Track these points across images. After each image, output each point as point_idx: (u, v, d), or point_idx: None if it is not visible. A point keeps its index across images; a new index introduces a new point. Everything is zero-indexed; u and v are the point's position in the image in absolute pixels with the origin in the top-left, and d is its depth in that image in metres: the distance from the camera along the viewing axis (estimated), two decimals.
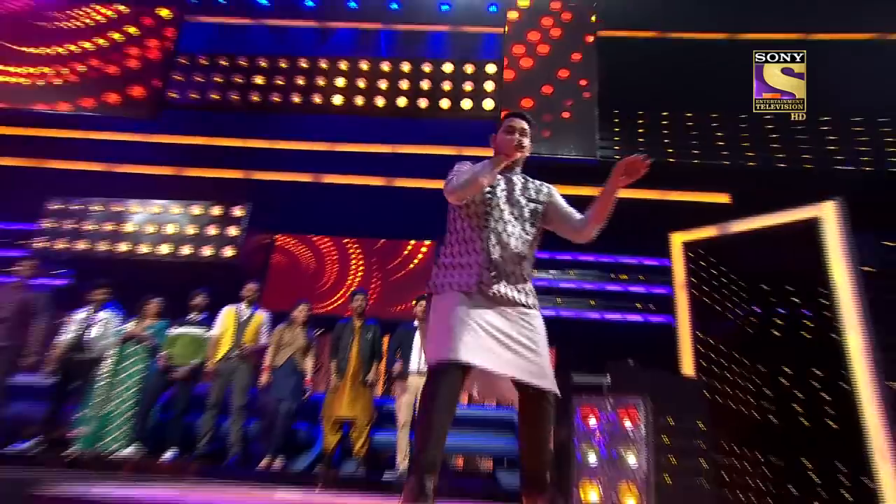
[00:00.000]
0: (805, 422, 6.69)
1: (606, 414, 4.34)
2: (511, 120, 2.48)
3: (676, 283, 6.82)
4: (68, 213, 8.13)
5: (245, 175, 8.71)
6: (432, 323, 2.27)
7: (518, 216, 2.39)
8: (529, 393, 2.16)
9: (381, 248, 8.88)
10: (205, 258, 7.83)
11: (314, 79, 8.21)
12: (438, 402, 2.05)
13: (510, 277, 2.27)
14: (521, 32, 8.11)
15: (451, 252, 2.39)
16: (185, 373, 5.39)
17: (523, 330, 2.20)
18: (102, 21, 8.62)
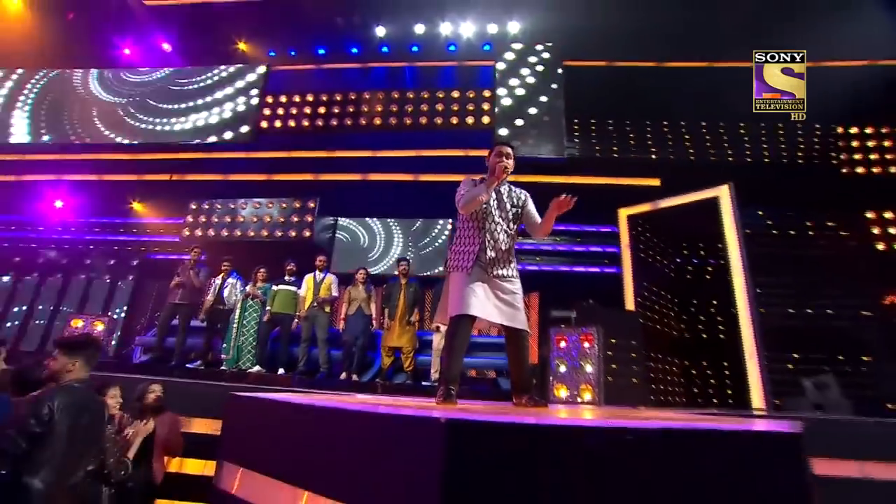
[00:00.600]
0: (705, 336, 6.96)
1: (572, 338, 4.62)
2: (499, 147, 2.63)
3: (623, 244, 6.93)
4: (202, 211, 8.41)
5: (315, 177, 8.86)
6: (450, 290, 2.54)
7: (504, 218, 2.58)
8: (511, 330, 2.48)
9: (414, 225, 9.04)
10: (291, 238, 8.03)
11: (360, 107, 8.28)
12: (458, 339, 2.39)
13: (500, 262, 2.52)
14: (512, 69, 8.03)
15: (459, 241, 2.61)
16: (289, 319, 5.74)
17: (507, 292, 2.48)
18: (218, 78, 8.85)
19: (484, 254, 2.49)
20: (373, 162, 8.57)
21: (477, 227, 2.55)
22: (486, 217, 2.54)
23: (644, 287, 6.70)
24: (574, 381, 4.42)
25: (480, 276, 2.46)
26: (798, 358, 6.13)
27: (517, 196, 2.66)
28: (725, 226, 6.04)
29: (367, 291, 5.80)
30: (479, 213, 2.54)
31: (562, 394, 4.42)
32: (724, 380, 6.54)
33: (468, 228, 2.58)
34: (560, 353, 4.53)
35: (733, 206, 6.04)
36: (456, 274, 2.52)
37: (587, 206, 8.38)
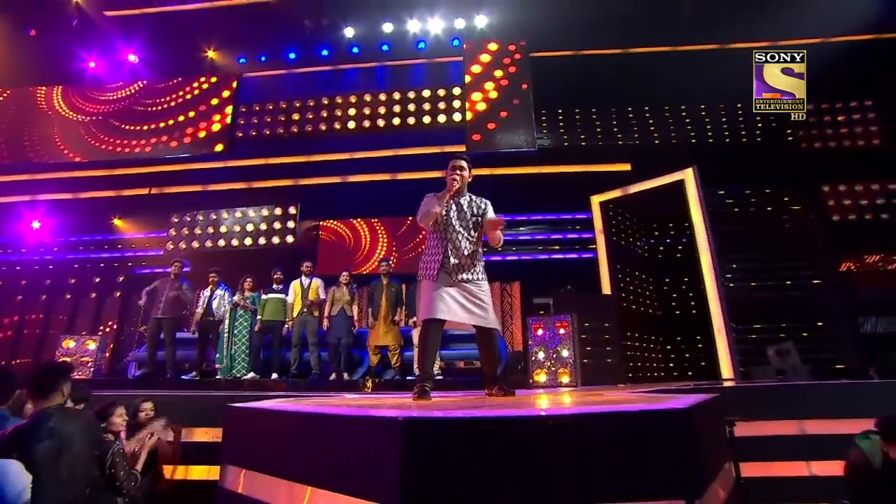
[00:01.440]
0: (678, 312, 7.31)
1: (549, 327, 4.90)
2: (452, 162, 2.78)
3: (596, 229, 7.17)
4: (183, 223, 8.46)
5: (294, 182, 8.96)
6: (420, 296, 2.79)
7: (465, 227, 2.75)
8: (480, 328, 2.73)
9: (394, 224, 9.20)
10: (275, 244, 8.16)
11: (334, 111, 8.32)
12: (429, 340, 2.64)
13: (464, 268, 2.71)
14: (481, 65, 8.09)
15: (426, 251, 2.83)
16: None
17: (476, 294, 2.70)
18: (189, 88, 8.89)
19: (448, 261, 2.67)
20: (351, 164, 8.69)
21: (440, 238, 2.73)
22: (447, 227, 2.73)
23: (619, 269, 6.98)
24: (552, 366, 4.71)
25: (446, 282, 2.66)
26: (762, 328, 6.49)
27: (477, 205, 2.82)
28: (691, 207, 6.30)
29: (351, 293, 6.01)
30: (440, 224, 2.72)
31: (541, 378, 4.71)
32: (697, 353, 6.87)
33: (433, 239, 2.79)
34: (538, 340, 4.81)
35: (697, 187, 6.31)
36: (424, 282, 2.74)
37: (561, 195, 8.65)
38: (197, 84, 8.88)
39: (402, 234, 9.05)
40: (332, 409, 1.64)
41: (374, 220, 9.18)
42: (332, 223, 9.24)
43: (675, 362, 7.12)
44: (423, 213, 2.69)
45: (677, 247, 7.53)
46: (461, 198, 2.81)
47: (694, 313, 6.96)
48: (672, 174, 6.57)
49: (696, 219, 6.23)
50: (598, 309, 5.79)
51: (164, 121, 8.69)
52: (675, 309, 7.32)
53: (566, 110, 8.52)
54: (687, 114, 8.32)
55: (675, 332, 7.20)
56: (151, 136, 8.58)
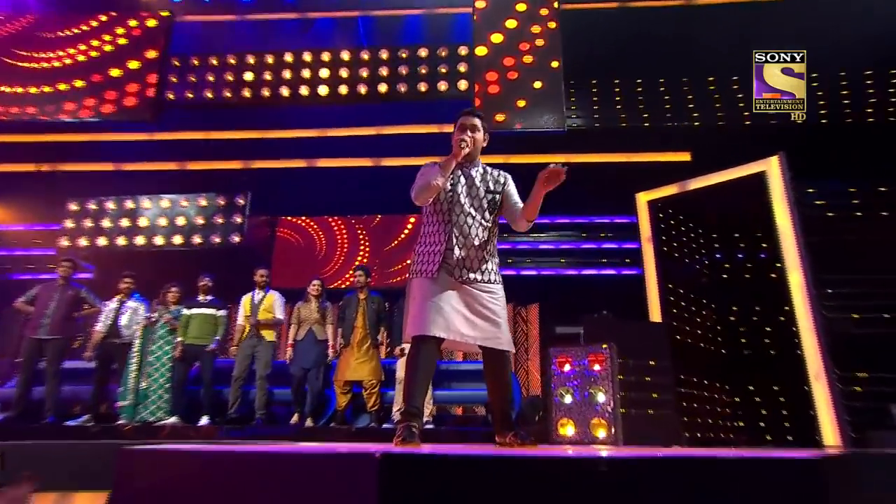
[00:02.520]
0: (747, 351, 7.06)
1: (578, 360, 4.69)
2: (461, 118, 2.71)
3: (643, 237, 7.04)
4: (86, 213, 8.29)
5: (244, 165, 8.88)
6: (409, 304, 2.60)
7: (478, 207, 2.64)
8: (489, 351, 2.54)
9: (376, 223, 9.08)
10: (215, 245, 8.01)
11: (300, 71, 8.20)
12: (419, 365, 2.45)
13: (472, 263, 2.56)
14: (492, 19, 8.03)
15: (422, 240, 2.68)
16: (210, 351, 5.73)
17: (485, 303, 2.53)
18: (96, 30, 8.54)
19: (451, 253, 2.54)
20: (321, 143, 8.60)
21: (442, 221, 2.62)
22: (453, 207, 2.61)
23: (672, 291, 6.81)
24: (583, 415, 4.48)
25: (447, 283, 2.51)
26: (876, 378, 6.20)
27: (494, 179, 2.73)
28: (776, 209, 6.15)
29: (322, 309, 5.85)
30: (442, 202, 2.62)
31: (568, 431, 4.48)
32: (779, 408, 6.63)
33: (432, 223, 2.65)
34: (563, 379, 4.60)
35: (785, 182, 6.14)
36: (417, 280, 2.58)
37: (597, 192, 8.52)
38: (108, 22, 8.56)
39: (383, 236, 8.92)
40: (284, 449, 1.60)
41: (349, 218, 9.05)
42: (294, 220, 9.10)
43: (746, 418, 6.88)
44: (419, 185, 2.58)
45: (752, 263, 7.37)
46: (472, 168, 2.73)
47: (772, 354, 6.76)
48: (749, 165, 6.43)
49: (784, 225, 6.07)
50: (644, 342, 5.58)
51: (60, 72, 8.34)
52: (749, 346, 7.12)
53: (606, 80, 8.44)
54: None
55: (747, 378, 6.98)
56: (41, 93, 8.21)
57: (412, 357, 2.49)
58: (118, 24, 8.54)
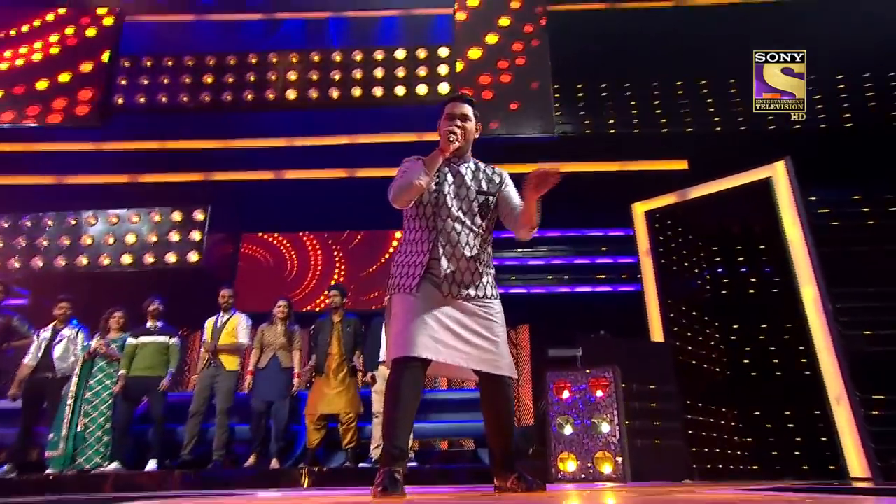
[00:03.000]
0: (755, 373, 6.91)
1: (579, 386, 4.44)
2: (449, 106, 2.42)
3: (641, 251, 6.91)
4: (20, 230, 7.89)
5: (204, 177, 8.52)
6: (390, 322, 2.28)
7: (468, 210, 2.34)
8: (487, 377, 2.23)
9: (357, 243, 8.86)
10: (170, 265, 7.70)
11: (265, 74, 8.00)
12: (402, 395, 2.10)
13: (465, 276, 2.27)
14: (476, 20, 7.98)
15: (403, 250, 2.38)
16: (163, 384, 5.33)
17: (480, 320, 2.23)
18: (39, 27, 8.22)
19: (437, 265, 2.24)
20: (289, 153, 8.36)
21: (425, 227, 2.32)
22: (438, 211, 2.31)
23: (674, 308, 6.64)
24: (586, 449, 4.22)
25: (434, 299, 2.21)
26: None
27: (488, 178, 2.44)
28: (784, 217, 6.05)
29: (289, 332, 5.57)
30: (426, 205, 2.32)
31: (569, 467, 4.20)
32: (796, 435, 6.45)
33: (414, 229, 2.36)
34: (562, 407, 4.33)
35: (793, 188, 6.04)
36: (398, 297, 2.28)
37: (590, 202, 8.37)
38: (52, 18, 8.27)
39: (360, 254, 8.64)
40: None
41: (320, 235, 8.80)
42: (261, 236, 8.77)
43: (762, 447, 6.67)
44: (399, 185, 2.29)
45: (758, 276, 7.25)
46: (462, 164, 2.45)
47: (779, 375, 6.60)
48: (753, 170, 6.35)
49: (794, 234, 5.94)
50: (647, 364, 5.39)
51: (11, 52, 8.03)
52: (758, 366, 6.96)
53: (598, 84, 8.39)
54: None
55: (757, 402, 6.79)
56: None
57: (393, 385, 2.14)
58: (63, 23, 8.26)
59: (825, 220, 6.95)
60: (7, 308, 5.80)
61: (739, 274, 7.46)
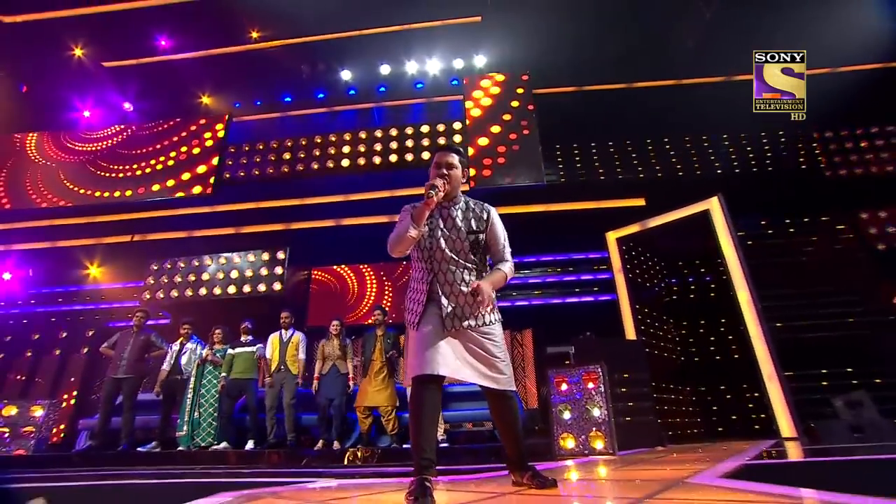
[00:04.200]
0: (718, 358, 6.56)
1: (574, 379, 4.15)
2: (438, 155, 2.10)
3: (614, 268, 6.69)
4: (163, 271, 7.93)
5: (285, 227, 8.54)
6: (408, 350, 1.99)
7: (460, 251, 1.98)
8: (491, 391, 1.95)
9: (392, 271, 8.71)
10: (261, 293, 7.58)
11: (327, 149, 8.03)
12: (424, 409, 1.81)
13: (465, 310, 1.93)
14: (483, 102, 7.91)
15: (411, 287, 2.06)
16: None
17: (480, 344, 1.94)
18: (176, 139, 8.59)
19: (437, 304, 1.91)
20: (344, 206, 8.30)
21: (425, 269, 1.98)
22: (433, 254, 1.96)
23: (644, 312, 6.34)
24: (582, 429, 3.90)
25: (438, 330, 1.89)
26: (821, 375, 5.71)
27: (477, 216, 2.05)
28: (721, 238, 5.86)
29: (343, 345, 5.35)
30: (423, 249, 1.98)
31: (569, 444, 3.89)
32: (746, 405, 6.11)
33: (417, 269, 2.02)
34: (562, 397, 4.02)
35: (726, 216, 5.90)
36: (409, 330, 1.98)
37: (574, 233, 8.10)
38: (185, 128, 8.62)
39: (400, 281, 8.48)
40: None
41: (364, 267, 8.65)
42: (322, 272, 8.70)
43: (719, 417, 6.22)
44: (393, 237, 1.94)
45: (708, 284, 6.91)
46: (453, 206, 2.06)
47: (736, 358, 6.21)
48: (695, 204, 6.13)
49: (728, 251, 5.68)
50: (627, 357, 5.08)
51: (149, 164, 8.32)
52: (715, 354, 6.55)
53: (577, 144, 8.26)
54: (709, 143, 7.98)
55: (717, 381, 6.39)
56: (135, 181, 8.18)
57: (415, 401, 1.84)
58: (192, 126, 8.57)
59: (757, 240, 6.79)
60: (148, 327, 5.75)
61: (689, 283, 7.19)
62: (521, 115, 7.68)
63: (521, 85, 7.95)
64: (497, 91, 7.97)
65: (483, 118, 7.72)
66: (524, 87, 7.94)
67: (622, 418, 4.43)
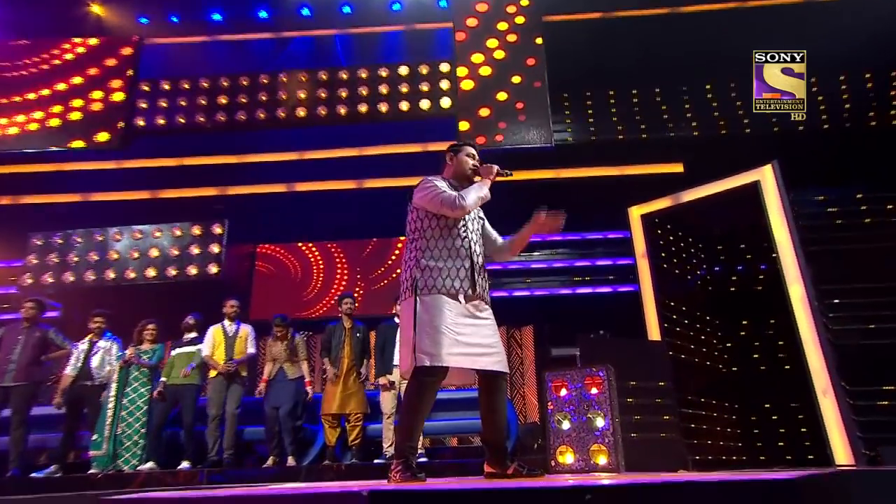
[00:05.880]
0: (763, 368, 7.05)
1: (575, 384, 4.71)
2: (467, 148, 2.95)
3: (637, 253, 7.10)
4: (51, 247, 8.17)
5: (220, 191, 8.90)
6: (423, 323, 2.46)
7: (475, 230, 2.78)
8: (488, 376, 2.60)
9: (359, 248, 9.11)
10: (191, 277, 7.92)
11: (276, 93, 8.27)
12: (425, 400, 2.47)
13: (483, 278, 2.69)
14: (477, 39, 8.17)
15: (433, 255, 2.59)
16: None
17: (487, 328, 2.61)
18: (59, 61, 8.54)
19: (474, 273, 2.61)
20: (300, 166, 8.67)
21: (457, 236, 2.66)
22: (468, 223, 2.73)
23: (670, 308, 6.87)
24: (582, 442, 4.48)
25: (462, 304, 2.56)
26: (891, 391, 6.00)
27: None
28: (772, 218, 6.24)
29: (290, 348, 5.86)
30: (459, 222, 2.70)
31: (567, 459, 4.47)
32: (794, 426, 6.62)
33: (443, 237, 2.64)
34: (560, 404, 4.61)
35: (780, 190, 6.23)
36: (432, 299, 2.49)
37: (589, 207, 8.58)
38: (71, 47, 8.52)
39: (368, 262, 8.95)
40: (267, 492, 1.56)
41: (331, 244, 9.08)
42: (272, 249, 9.11)
43: (760, 438, 6.86)
44: (474, 199, 2.66)
45: (755, 276, 7.41)
46: None
47: (787, 369, 6.72)
48: (743, 174, 6.53)
49: (781, 235, 6.13)
50: (644, 361, 5.63)
51: (20, 95, 8.29)
52: (758, 363, 7.12)
53: (594, 93, 8.62)
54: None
55: (759, 396, 6.98)
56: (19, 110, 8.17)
57: (417, 391, 2.46)
58: (80, 47, 8.58)
59: (812, 220, 6.98)
60: (43, 322, 6.08)
61: (730, 274, 7.61)
62: (523, 52, 7.94)
63: (523, 12, 8.17)
64: (491, 18, 8.19)
65: (473, 58, 7.97)
66: (525, 14, 8.14)
67: (634, 433, 5.01)
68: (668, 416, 5.46)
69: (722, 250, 7.72)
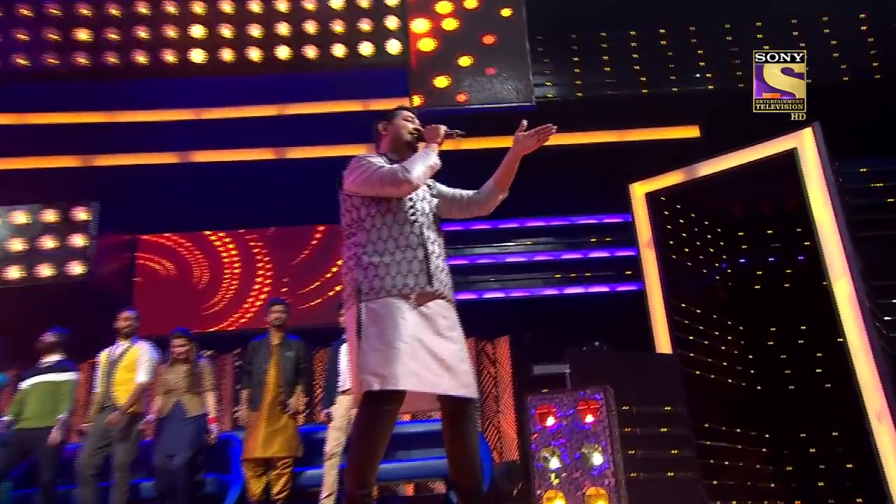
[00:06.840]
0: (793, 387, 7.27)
1: (566, 411, 4.80)
2: (402, 112, 2.98)
3: (641, 242, 7.29)
4: None
5: (85, 162, 8.55)
6: (371, 336, 2.45)
7: (428, 211, 2.79)
8: (455, 402, 2.55)
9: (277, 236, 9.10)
10: (43, 280, 7.68)
11: (161, 29, 7.93)
12: (381, 434, 2.39)
13: (443, 272, 2.68)
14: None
15: (377, 249, 2.60)
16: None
17: (451, 340, 2.59)
18: None
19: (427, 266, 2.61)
20: (198, 129, 8.41)
21: (406, 222, 2.67)
22: (415, 204, 2.75)
23: (684, 311, 7.05)
24: (575, 485, 4.57)
25: (419, 307, 2.54)
26: None
27: (428, 184, 2.93)
28: (812, 197, 6.40)
29: (193, 374, 5.77)
30: (404, 200, 2.70)
31: None
32: (837, 461, 6.80)
33: (389, 226, 2.65)
34: (547, 436, 4.70)
35: (822, 160, 6.40)
36: (380, 303, 2.50)
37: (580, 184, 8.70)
38: None
39: (296, 256, 8.85)
40: None
41: (248, 233, 8.96)
42: (165, 239, 8.89)
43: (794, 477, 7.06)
44: (422, 169, 2.66)
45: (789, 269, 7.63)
46: None
47: (828, 388, 6.88)
48: (775, 140, 6.70)
49: (823, 217, 6.28)
50: (651, 380, 5.81)
51: None
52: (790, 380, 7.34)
53: (581, 36, 8.63)
54: (799, 32, 8.35)
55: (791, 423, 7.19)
56: None
57: (370, 421, 2.40)
58: None
59: (863, 198, 7.21)
60: None
61: (757, 267, 7.82)
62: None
63: None
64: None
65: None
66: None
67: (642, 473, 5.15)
68: (681, 449, 5.64)
69: (747, 237, 7.90)
